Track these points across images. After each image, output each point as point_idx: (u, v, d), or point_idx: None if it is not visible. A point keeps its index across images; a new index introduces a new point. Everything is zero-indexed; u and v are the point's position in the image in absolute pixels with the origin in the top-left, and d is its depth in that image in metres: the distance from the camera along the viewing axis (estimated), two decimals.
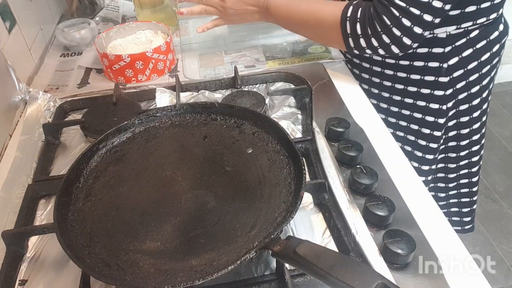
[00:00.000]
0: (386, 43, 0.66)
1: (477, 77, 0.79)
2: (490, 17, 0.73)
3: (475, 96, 0.81)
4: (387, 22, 0.64)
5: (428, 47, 0.75)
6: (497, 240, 1.64)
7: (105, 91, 0.85)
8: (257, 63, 0.90)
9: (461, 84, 0.78)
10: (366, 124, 0.69)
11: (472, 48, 0.75)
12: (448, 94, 0.79)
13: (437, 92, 0.79)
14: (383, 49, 0.68)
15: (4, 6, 0.84)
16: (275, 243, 0.45)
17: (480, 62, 0.77)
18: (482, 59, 0.77)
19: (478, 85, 0.80)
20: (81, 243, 0.50)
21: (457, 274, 0.48)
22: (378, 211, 0.52)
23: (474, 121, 0.84)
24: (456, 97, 0.80)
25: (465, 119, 0.83)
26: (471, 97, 0.80)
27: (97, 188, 0.57)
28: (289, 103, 0.78)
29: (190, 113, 0.68)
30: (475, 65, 0.77)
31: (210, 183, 0.57)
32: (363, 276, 0.38)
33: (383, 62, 0.81)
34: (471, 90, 0.80)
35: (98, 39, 0.91)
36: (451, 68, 0.76)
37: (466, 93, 0.80)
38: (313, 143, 0.66)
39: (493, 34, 0.77)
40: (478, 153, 0.89)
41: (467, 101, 0.81)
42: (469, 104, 0.81)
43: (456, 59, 0.75)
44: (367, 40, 0.68)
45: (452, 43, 0.74)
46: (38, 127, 0.74)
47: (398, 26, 0.64)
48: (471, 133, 0.85)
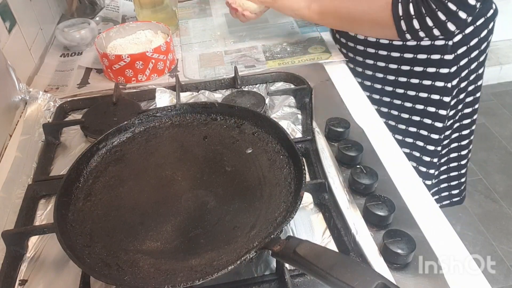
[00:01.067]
0: (442, 21, 0.67)
1: (477, 53, 0.81)
2: None
3: (473, 72, 0.84)
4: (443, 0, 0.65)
5: None
6: (497, 240, 1.64)
7: (105, 91, 0.85)
8: (257, 63, 0.90)
9: (464, 60, 0.81)
10: (366, 124, 0.69)
11: (473, 26, 0.78)
12: (453, 72, 0.81)
13: (442, 70, 0.81)
14: (438, 28, 0.68)
15: (4, 6, 0.84)
16: (275, 243, 0.45)
17: (480, 39, 0.80)
18: (481, 35, 0.80)
19: (476, 61, 0.83)
20: (81, 243, 0.50)
21: (457, 274, 0.48)
22: (378, 211, 0.52)
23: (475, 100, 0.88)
24: (460, 75, 0.82)
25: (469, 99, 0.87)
26: (471, 72, 0.83)
27: (97, 188, 0.57)
28: (289, 103, 0.78)
29: (190, 113, 0.68)
30: (476, 41, 0.79)
31: (210, 183, 0.57)
32: (363, 276, 0.38)
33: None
34: (471, 66, 0.82)
35: (98, 39, 0.91)
36: (455, 45, 0.78)
37: (467, 70, 0.82)
38: (313, 143, 0.66)
39: (489, 12, 0.79)
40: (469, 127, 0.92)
41: (467, 79, 0.84)
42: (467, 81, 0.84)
43: (460, 36, 0.78)
44: (421, 20, 0.68)
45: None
46: (38, 127, 0.74)
47: (453, 1, 0.65)
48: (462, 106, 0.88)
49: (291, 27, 1.03)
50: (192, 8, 1.18)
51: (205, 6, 1.19)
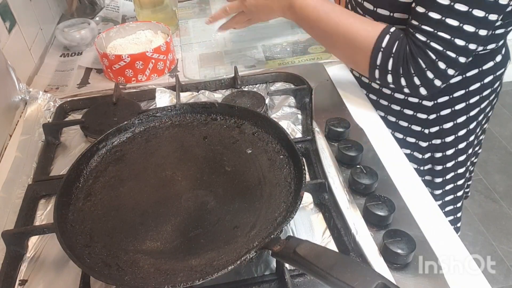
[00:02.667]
0: (416, 85, 0.63)
1: (464, 106, 0.76)
2: (487, 47, 0.70)
3: (462, 126, 0.78)
4: (422, 65, 0.61)
5: None
6: (497, 240, 1.64)
7: (105, 91, 0.85)
8: (257, 63, 0.90)
9: (446, 111, 0.76)
10: (366, 124, 0.69)
11: (461, 76, 0.73)
12: (432, 119, 0.77)
13: (420, 115, 0.77)
14: (409, 89, 0.65)
15: (4, 6, 0.84)
16: (275, 243, 0.45)
17: (468, 92, 0.74)
18: (470, 88, 0.74)
19: (465, 115, 0.77)
20: (81, 243, 0.50)
21: (457, 274, 0.48)
22: (378, 211, 0.52)
23: (460, 152, 0.81)
24: (441, 125, 0.78)
25: (450, 152, 0.81)
26: (457, 128, 0.78)
27: (97, 188, 0.57)
28: (289, 103, 0.78)
29: (190, 113, 0.68)
30: (463, 93, 0.74)
31: (210, 183, 0.57)
32: (363, 276, 0.38)
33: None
34: (457, 120, 0.77)
35: (98, 39, 0.91)
36: (437, 92, 0.73)
37: (452, 123, 0.77)
38: (313, 143, 0.66)
39: (486, 64, 0.73)
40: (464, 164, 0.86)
41: (452, 133, 0.78)
42: (455, 135, 0.79)
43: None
44: (396, 78, 0.64)
45: None
46: (38, 127, 0.74)
47: (433, 69, 0.61)
48: (456, 166, 0.83)
49: (291, 27, 1.03)
50: (192, 8, 1.18)
51: (205, 6, 1.19)
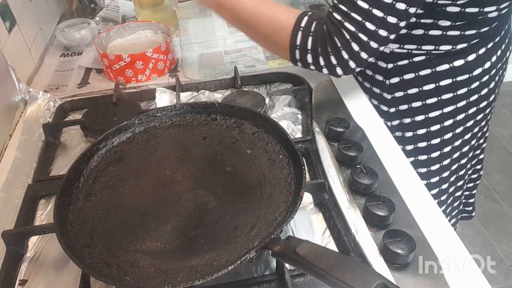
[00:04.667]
0: (332, 65, 0.63)
1: (421, 105, 0.75)
2: (440, 48, 0.69)
3: (421, 125, 0.77)
4: (338, 44, 0.61)
5: (375, 58, 0.73)
6: (497, 240, 1.64)
7: (105, 91, 0.85)
8: (257, 63, 0.90)
9: (403, 107, 0.76)
10: (366, 124, 0.69)
11: (414, 74, 0.72)
12: (392, 112, 0.77)
13: (382, 106, 0.78)
14: (327, 69, 0.64)
15: (4, 6, 0.84)
16: (275, 243, 0.45)
17: (423, 91, 0.74)
18: (424, 88, 0.73)
19: (423, 115, 0.76)
20: (81, 243, 0.50)
21: (457, 274, 0.48)
22: (378, 211, 0.52)
23: (419, 151, 0.80)
24: (401, 120, 0.78)
25: (409, 147, 0.80)
26: (416, 125, 0.77)
27: (97, 188, 0.57)
28: (289, 103, 0.78)
29: (190, 113, 0.68)
30: (416, 91, 0.74)
31: (210, 183, 0.57)
32: (363, 276, 0.38)
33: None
34: (415, 118, 0.77)
35: (98, 39, 0.91)
36: (393, 86, 0.74)
37: (410, 120, 0.77)
38: (313, 143, 0.66)
39: (441, 66, 0.71)
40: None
41: (411, 129, 0.78)
42: (413, 133, 0.78)
43: (397, 79, 0.74)
44: (315, 57, 0.64)
45: (394, 61, 0.73)
46: (38, 127, 0.74)
47: (347, 49, 0.61)
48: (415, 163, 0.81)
49: None
50: (192, 8, 1.18)
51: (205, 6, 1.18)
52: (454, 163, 0.83)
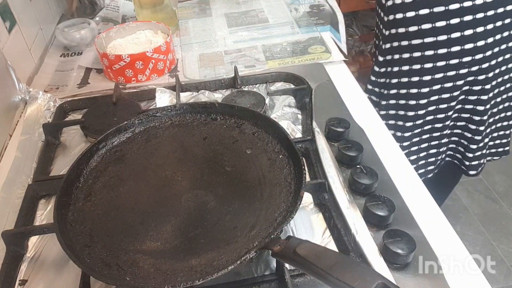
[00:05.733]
0: None
1: (417, 30, 0.85)
2: None
3: (415, 48, 0.87)
4: None
5: None
6: (497, 240, 1.64)
7: (105, 91, 0.85)
8: (257, 63, 0.90)
9: (401, 30, 0.86)
10: (366, 124, 0.69)
11: (415, 12, 0.82)
12: (387, 35, 0.87)
13: (384, 30, 0.89)
14: None
15: (4, 6, 0.84)
16: (275, 243, 0.45)
17: (419, 15, 0.83)
18: (420, 12, 0.82)
19: (420, 39, 0.85)
20: (81, 243, 0.50)
21: (457, 274, 0.48)
22: (378, 211, 0.52)
23: (413, 72, 0.90)
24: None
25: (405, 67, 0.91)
26: (411, 48, 0.88)
27: (97, 188, 0.57)
28: (289, 103, 0.78)
29: (190, 113, 0.68)
30: (413, 15, 0.83)
31: (210, 183, 0.57)
32: (363, 276, 0.38)
33: None
34: (412, 41, 0.87)
35: (98, 39, 0.91)
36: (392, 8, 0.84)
37: (407, 42, 0.88)
38: (313, 143, 0.66)
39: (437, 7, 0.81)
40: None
41: (406, 51, 0.89)
42: (410, 54, 0.89)
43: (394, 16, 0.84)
44: None
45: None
46: (38, 127, 0.74)
47: None
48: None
49: (291, 27, 1.03)
50: (192, 8, 1.18)
51: (205, 6, 1.19)
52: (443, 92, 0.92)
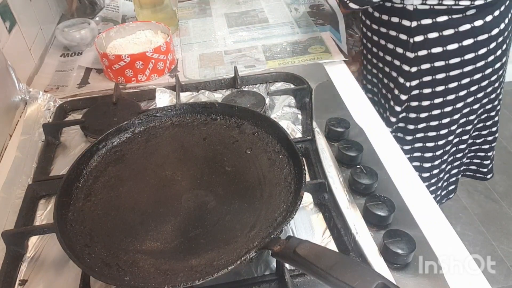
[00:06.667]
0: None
1: (444, 64, 0.80)
2: (460, 3, 0.72)
3: (440, 82, 0.82)
4: None
5: (399, 18, 0.78)
6: (497, 240, 1.64)
7: (105, 91, 0.85)
8: (257, 63, 0.90)
9: (425, 66, 0.80)
10: (366, 124, 0.69)
11: (438, 33, 0.77)
12: (413, 72, 0.81)
13: (404, 66, 0.82)
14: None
15: (4, 6, 0.84)
16: (275, 243, 0.45)
17: (446, 51, 0.78)
18: (448, 47, 0.78)
19: (444, 73, 0.81)
20: (81, 243, 0.50)
21: (457, 274, 0.48)
22: (378, 211, 0.52)
23: (435, 106, 0.85)
24: (421, 79, 0.82)
25: (426, 103, 0.85)
26: (436, 82, 0.82)
27: (97, 188, 0.57)
28: (289, 103, 0.78)
29: (190, 113, 0.68)
30: (440, 51, 0.78)
31: (210, 183, 0.57)
32: (363, 276, 0.38)
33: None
34: (436, 76, 0.81)
35: (98, 39, 0.91)
36: (416, 45, 0.78)
37: (431, 78, 0.81)
38: (313, 143, 0.66)
39: (463, 26, 0.76)
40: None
41: (430, 86, 0.82)
42: (432, 89, 0.83)
43: (421, 37, 0.77)
44: None
45: (418, 19, 0.76)
46: (38, 127, 0.74)
47: None
48: (429, 118, 0.88)
49: (291, 27, 1.03)
50: (192, 8, 1.18)
51: (205, 6, 1.19)
52: (462, 117, 0.90)
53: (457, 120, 0.90)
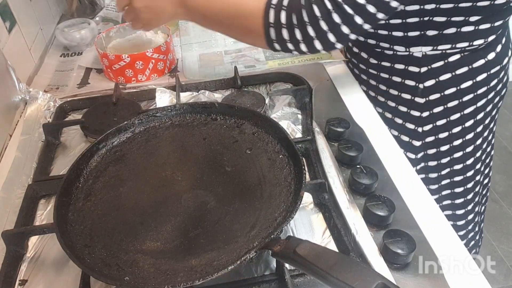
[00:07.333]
0: (310, 37, 0.60)
1: (457, 104, 0.74)
2: (474, 43, 0.69)
3: (455, 123, 0.76)
4: (317, 14, 0.57)
5: (404, 64, 0.72)
6: (497, 240, 1.64)
7: (105, 91, 0.85)
8: (257, 63, 0.90)
9: (438, 109, 0.75)
10: (366, 124, 0.69)
11: (451, 74, 0.71)
12: (425, 117, 0.76)
13: (413, 112, 0.76)
14: (305, 44, 0.61)
15: (4, 6, 0.84)
16: (275, 243, 0.45)
17: (460, 89, 0.73)
18: (462, 86, 0.73)
19: (459, 113, 0.75)
20: (81, 243, 0.50)
21: (457, 274, 0.48)
22: (378, 211, 0.52)
23: (455, 149, 0.79)
24: (435, 123, 0.76)
25: (445, 148, 0.79)
26: (451, 124, 0.76)
27: (97, 188, 0.57)
28: (289, 103, 0.78)
29: (190, 113, 0.68)
30: (454, 91, 0.73)
31: (210, 183, 0.57)
32: (363, 276, 0.38)
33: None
34: (450, 117, 0.76)
35: (98, 39, 0.91)
36: (427, 90, 0.73)
37: (445, 120, 0.76)
38: (313, 143, 0.66)
39: (477, 62, 0.71)
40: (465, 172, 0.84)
41: (447, 129, 0.77)
42: (449, 132, 0.77)
43: (433, 81, 0.72)
44: (290, 31, 0.60)
45: (428, 64, 0.71)
46: (38, 127, 0.74)
47: (327, 20, 0.58)
48: (452, 162, 0.81)
49: None
50: None
51: None
52: (483, 153, 0.84)
53: (480, 158, 0.83)
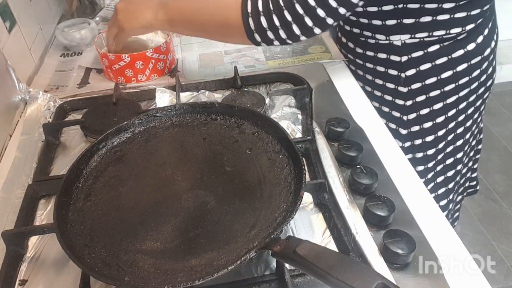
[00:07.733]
0: (287, 21, 0.61)
1: (439, 93, 0.76)
2: (451, 31, 0.70)
3: (439, 113, 0.78)
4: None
5: (386, 54, 0.74)
6: (497, 240, 1.64)
7: (105, 91, 0.85)
8: (257, 63, 0.90)
9: (421, 98, 0.76)
10: (366, 124, 0.69)
11: (431, 63, 0.73)
12: (409, 105, 0.77)
13: (398, 101, 0.78)
14: (283, 30, 0.63)
15: (4, 6, 0.83)
16: (275, 243, 0.45)
17: (441, 80, 0.74)
18: (442, 76, 0.74)
19: (441, 102, 0.77)
20: (81, 243, 0.50)
21: (457, 274, 0.48)
22: (378, 211, 0.52)
23: (439, 139, 0.81)
24: (418, 112, 0.78)
25: (430, 138, 0.80)
26: (435, 114, 0.78)
27: (97, 188, 0.57)
28: (289, 103, 0.78)
29: (190, 113, 0.68)
30: (435, 81, 0.74)
31: (210, 183, 0.57)
32: (363, 276, 0.38)
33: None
34: (433, 107, 0.77)
35: (98, 39, 0.91)
36: (409, 79, 0.74)
37: (428, 109, 0.77)
38: (313, 143, 0.66)
39: (456, 52, 0.72)
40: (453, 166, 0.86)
41: (430, 118, 0.78)
42: (432, 122, 0.79)
43: (414, 71, 0.74)
44: (268, 18, 0.62)
45: (407, 54, 0.72)
46: (38, 127, 0.74)
47: (302, 4, 0.59)
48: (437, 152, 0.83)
49: None
50: None
51: None
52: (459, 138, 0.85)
53: (462, 147, 0.85)
